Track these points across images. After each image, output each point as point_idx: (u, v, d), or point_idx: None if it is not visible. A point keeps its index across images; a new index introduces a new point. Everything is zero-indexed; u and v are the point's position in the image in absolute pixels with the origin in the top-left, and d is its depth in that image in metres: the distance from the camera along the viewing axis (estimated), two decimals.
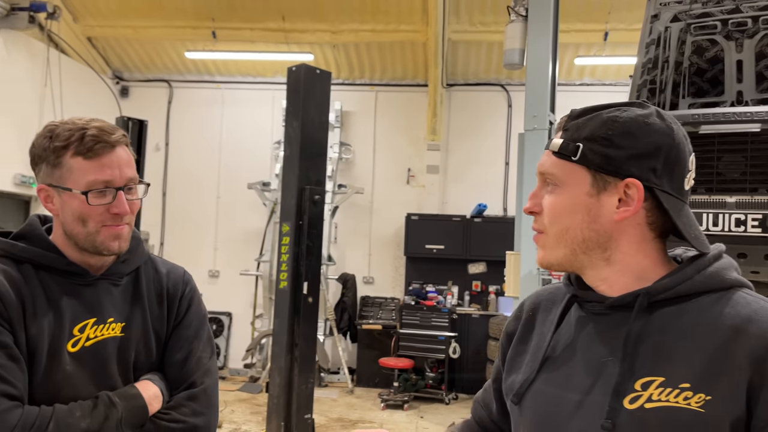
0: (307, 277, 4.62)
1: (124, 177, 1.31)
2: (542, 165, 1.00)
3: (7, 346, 1.20)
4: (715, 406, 0.85)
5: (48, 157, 1.29)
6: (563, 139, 0.97)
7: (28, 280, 1.28)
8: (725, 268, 0.96)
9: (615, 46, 7.69)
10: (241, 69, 8.92)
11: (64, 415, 1.21)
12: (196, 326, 1.45)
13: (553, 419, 0.97)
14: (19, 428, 1.15)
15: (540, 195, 1.01)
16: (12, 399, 1.18)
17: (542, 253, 1.01)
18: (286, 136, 4.69)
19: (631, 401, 0.89)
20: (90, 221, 1.29)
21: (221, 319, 8.80)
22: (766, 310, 0.89)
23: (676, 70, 4.14)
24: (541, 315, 1.11)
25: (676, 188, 0.95)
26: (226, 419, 6.33)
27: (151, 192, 7.86)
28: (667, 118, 0.96)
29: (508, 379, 1.10)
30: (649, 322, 0.93)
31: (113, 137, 1.30)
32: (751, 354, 0.85)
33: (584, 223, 0.96)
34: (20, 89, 7.09)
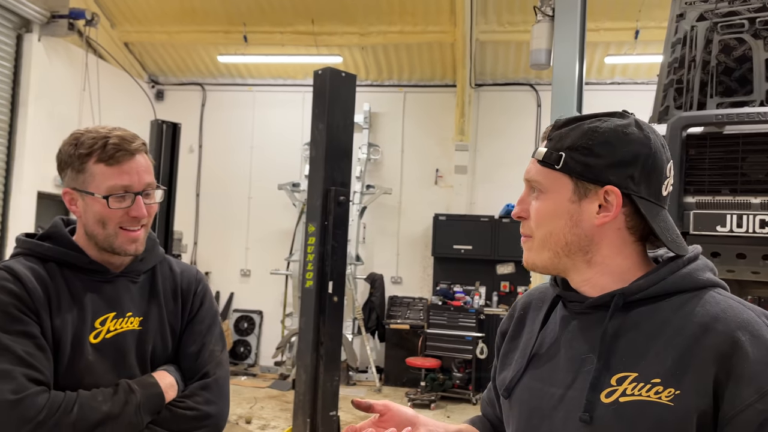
0: (332, 277, 4.70)
1: (142, 182, 1.41)
2: (528, 172, 1.06)
3: (35, 336, 1.31)
4: (683, 400, 0.89)
5: (73, 163, 1.40)
6: (547, 149, 1.02)
7: (53, 277, 1.39)
8: (699, 269, 1.00)
9: (646, 45, 7.58)
10: (272, 72, 9.08)
11: (87, 400, 1.32)
12: (209, 322, 1.55)
13: (538, 412, 1.03)
14: (46, 410, 1.26)
15: (527, 201, 1.06)
16: (39, 384, 1.29)
17: (528, 255, 1.07)
18: (312, 139, 4.78)
19: (607, 395, 0.95)
20: (110, 223, 1.39)
21: (252, 317, 8.98)
22: (733, 308, 0.93)
23: (704, 69, 4.09)
24: (531, 313, 1.17)
25: (653, 194, 1.00)
26: (256, 415, 6.47)
27: (185, 193, 8.08)
28: (645, 128, 1.01)
29: (500, 375, 1.17)
30: (625, 321, 0.98)
31: (133, 145, 1.40)
32: (717, 350, 0.89)
33: (567, 227, 1.01)
34: (60, 94, 7.36)
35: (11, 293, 1.31)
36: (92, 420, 1.30)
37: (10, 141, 6.92)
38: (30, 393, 1.26)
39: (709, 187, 3.40)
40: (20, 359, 1.27)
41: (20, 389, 1.25)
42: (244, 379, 8.19)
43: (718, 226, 3.33)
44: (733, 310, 0.93)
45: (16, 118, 6.94)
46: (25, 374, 1.27)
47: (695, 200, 3.40)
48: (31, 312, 1.32)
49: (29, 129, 6.93)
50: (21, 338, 1.29)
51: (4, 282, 1.32)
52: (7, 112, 6.89)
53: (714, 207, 3.36)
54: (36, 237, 1.45)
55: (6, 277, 1.33)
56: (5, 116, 6.87)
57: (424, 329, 7.76)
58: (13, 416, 1.24)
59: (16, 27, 6.92)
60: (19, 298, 1.32)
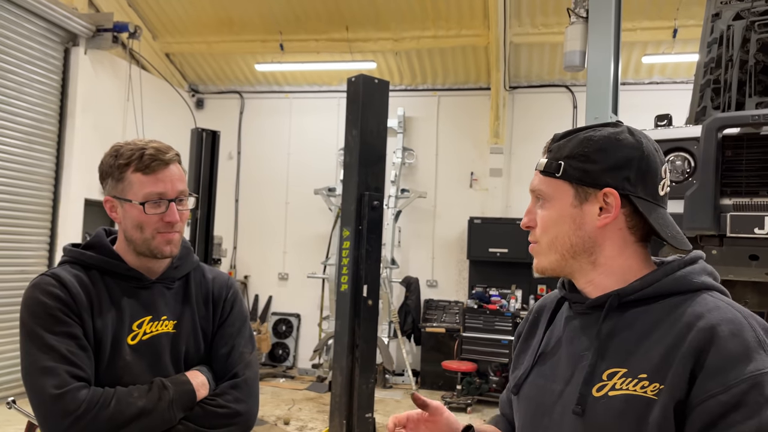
0: (366, 281, 4.77)
1: (175, 190, 1.52)
2: (532, 184, 1.14)
3: (78, 337, 1.43)
4: (666, 394, 0.94)
5: (113, 173, 1.52)
6: (547, 159, 1.10)
7: (95, 283, 1.51)
8: (695, 272, 1.04)
9: (685, 43, 7.44)
10: (308, 78, 9.23)
11: (124, 395, 1.42)
12: (239, 325, 1.64)
13: (541, 407, 1.10)
14: (86, 403, 1.37)
15: (533, 211, 1.13)
16: (80, 380, 1.40)
17: (537, 261, 1.14)
18: (346, 144, 4.86)
19: (598, 389, 1.01)
20: (147, 228, 1.51)
21: (290, 320, 9.12)
22: (720, 308, 0.98)
23: (741, 68, 4.02)
24: (543, 316, 1.23)
25: (650, 194, 1.06)
26: (294, 417, 6.58)
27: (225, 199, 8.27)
28: (636, 134, 1.08)
29: (513, 374, 1.24)
30: (620, 320, 1.04)
31: (167, 156, 1.52)
32: (696, 345, 0.94)
33: (571, 230, 1.07)
34: (106, 105, 7.65)
35: (57, 298, 1.43)
36: (128, 414, 1.40)
37: (59, 151, 7.22)
38: (72, 388, 1.37)
39: (747, 188, 3.35)
40: (64, 357, 1.39)
41: (63, 384, 1.36)
42: (283, 381, 8.32)
43: (756, 228, 3.27)
44: (720, 310, 0.97)
45: (64, 128, 7.24)
46: (67, 371, 1.38)
47: (732, 202, 3.35)
48: (74, 315, 1.44)
49: (76, 139, 7.22)
50: (65, 339, 1.41)
51: (51, 288, 1.44)
52: (56, 123, 7.19)
53: (752, 209, 3.30)
54: (80, 246, 1.57)
55: (53, 283, 1.45)
56: (54, 127, 7.17)
57: (460, 333, 7.76)
58: (56, 409, 1.35)
59: (64, 41, 7.22)
60: (64, 303, 1.43)
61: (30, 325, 1.42)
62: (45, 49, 6.97)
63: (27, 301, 1.45)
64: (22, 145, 6.72)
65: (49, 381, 1.36)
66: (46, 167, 7.07)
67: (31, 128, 6.83)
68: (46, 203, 7.11)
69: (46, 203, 7.10)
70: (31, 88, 6.81)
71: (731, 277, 3.57)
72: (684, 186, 3.42)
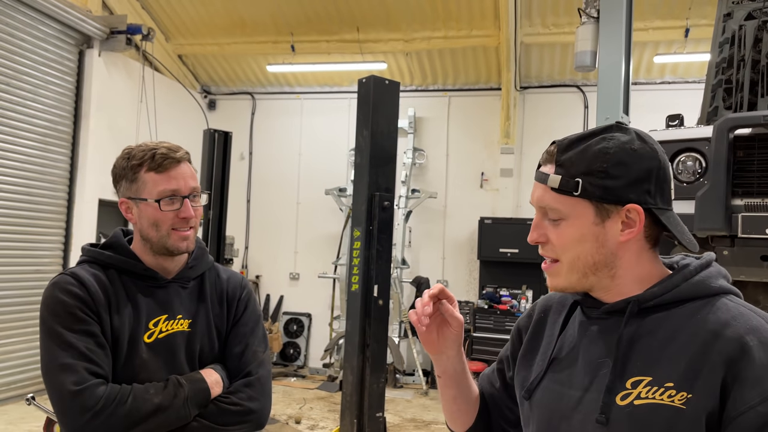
0: (377, 281, 4.78)
1: (188, 187, 1.56)
2: (541, 199, 1.07)
3: (96, 335, 1.47)
4: (695, 403, 0.93)
5: (126, 175, 1.56)
6: (561, 176, 1.04)
7: (113, 282, 1.54)
8: (712, 276, 1.04)
9: (697, 43, 7.40)
10: (319, 79, 9.27)
11: (141, 392, 1.46)
12: (252, 325, 1.68)
13: (558, 414, 1.08)
14: (104, 400, 1.41)
15: (543, 225, 1.08)
16: (98, 377, 1.44)
17: (554, 281, 1.10)
18: (357, 145, 4.88)
19: (622, 398, 0.99)
20: (162, 226, 1.54)
21: (301, 319, 9.17)
22: (744, 315, 0.97)
23: (753, 68, 4.00)
24: (551, 317, 1.21)
25: (666, 202, 1.05)
26: (305, 416, 6.62)
27: (236, 199, 8.29)
28: (648, 141, 1.05)
29: (519, 374, 1.21)
30: (641, 327, 1.02)
31: (178, 154, 1.56)
32: (726, 355, 0.93)
33: (593, 249, 1.04)
34: (119, 106, 7.73)
35: (76, 296, 1.47)
36: (144, 411, 1.43)
37: (74, 152, 7.31)
38: (90, 384, 1.41)
39: (758, 189, 3.34)
40: (82, 355, 1.42)
41: (82, 381, 1.40)
42: (294, 380, 8.37)
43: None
44: (744, 317, 0.96)
45: (78, 130, 7.33)
46: (86, 368, 1.42)
47: (743, 203, 3.34)
48: (93, 313, 1.47)
49: (91, 140, 7.30)
50: (84, 336, 1.44)
51: (71, 286, 1.48)
52: (71, 125, 7.28)
53: (763, 209, 3.29)
54: (99, 246, 1.61)
55: (72, 282, 1.49)
56: (69, 128, 7.26)
57: (470, 333, 7.77)
58: (75, 405, 1.39)
59: (78, 43, 7.31)
60: (83, 301, 1.47)
61: (50, 322, 1.46)
62: (60, 51, 7.06)
63: (47, 299, 1.49)
64: (37, 146, 6.81)
65: (68, 378, 1.40)
66: (61, 168, 7.16)
67: (47, 129, 6.93)
68: (61, 203, 7.20)
69: (61, 203, 7.19)
70: (46, 90, 6.90)
71: (743, 277, 3.56)
72: (695, 186, 3.42)
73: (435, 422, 6.59)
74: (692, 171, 3.51)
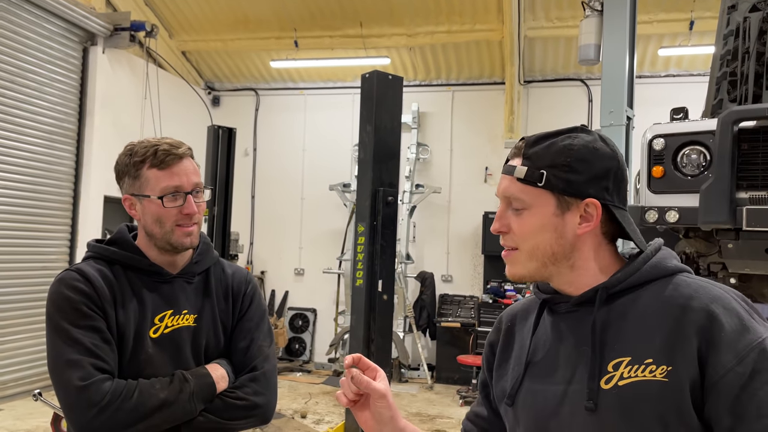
0: (381, 276, 4.80)
1: (191, 182, 1.56)
2: (507, 189, 1.12)
3: (101, 331, 1.47)
4: (676, 374, 0.97)
5: (129, 171, 1.57)
6: (527, 167, 1.09)
7: (118, 278, 1.55)
8: (666, 258, 1.10)
9: (701, 36, 7.36)
10: (322, 75, 9.27)
11: (147, 387, 1.47)
12: (257, 320, 1.68)
13: (545, 411, 1.10)
14: (110, 395, 1.42)
15: (506, 216, 1.13)
16: (104, 372, 1.45)
17: (513, 268, 1.13)
18: (361, 141, 4.89)
19: (606, 381, 1.02)
20: (166, 222, 1.55)
21: (306, 315, 9.20)
22: (704, 288, 1.03)
23: (758, 61, 3.98)
24: (519, 325, 1.23)
25: (621, 200, 1.11)
26: (311, 410, 6.65)
27: (241, 195, 8.33)
28: (609, 143, 1.12)
29: (497, 386, 1.22)
30: (611, 311, 1.07)
31: (180, 150, 1.56)
32: (696, 325, 0.98)
33: (552, 239, 1.09)
34: (124, 103, 7.75)
35: (82, 292, 1.48)
36: (150, 406, 1.44)
37: (78, 149, 7.33)
38: (96, 380, 1.42)
39: (763, 182, 3.33)
40: (88, 350, 1.43)
41: (87, 376, 1.41)
42: (300, 375, 8.40)
43: None
44: (704, 289, 1.02)
45: (83, 127, 7.35)
46: (92, 363, 1.43)
47: (748, 196, 3.33)
48: (98, 309, 1.48)
49: (95, 137, 7.33)
50: (89, 332, 1.45)
51: (76, 282, 1.49)
52: (75, 122, 7.31)
53: (765, 201, 3.28)
54: (104, 242, 1.62)
55: (77, 278, 1.50)
56: (73, 125, 7.28)
57: (475, 327, 7.78)
58: (81, 400, 1.40)
59: (82, 41, 7.33)
60: (89, 297, 1.48)
61: (55, 318, 1.47)
62: (64, 48, 7.08)
63: (52, 295, 1.49)
64: (42, 143, 6.84)
65: (74, 373, 1.40)
66: (66, 165, 7.19)
67: (52, 127, 6.95)
68: (67, 200, 7.23)
69: (66, 200, 7.23)
70: (51, 88, 6.92)
71: (747, 270, 3.56)
72: (699, 180, 3.41)
73: (440, 416, 6.61)
74: (697, 164, 3.50)
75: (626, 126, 5.22)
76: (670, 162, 3.54)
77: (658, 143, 3.57)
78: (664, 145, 3.55)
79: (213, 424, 1.51)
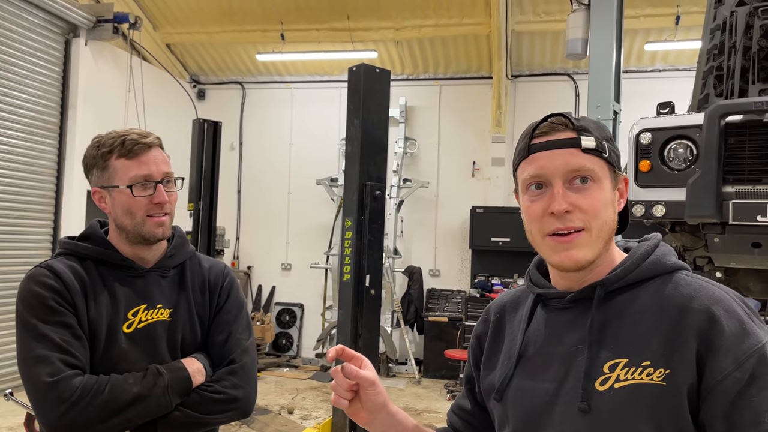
0: (369, 270, 4.77)
1: (160, 171, 1.54)
2: (572, 162, 1.01)
3: (72, 327, 1.44)
4: (674, 378, 0.94)
5: (97, 163, 1.54)
6: (594, 137, 1.02)
7: (89, 273, 1.52)
8: (665, 254, 1.05)
9: (688, 30, 7.39)
10: (309, 68, 9.20)
11: (119, 382, 1.44)
12: (235, 312, 1.65)
13: (535, 409, 1.05)
14: (80, 390, 1.39)
15: (567, 194, 1.01)
16: (74, 368, 1.41)
17: (580, 253, 1.01)
18: (348, 134, 4.85)
19: (601, 383, 0.98)
20: (137, 212, 1.52)
21: (294, 310, 9.15)
22: (705, 288, 0.99)
23: (744, 55, 3.99)
24: (508, 316, 1.19)
25: None
26: (298, 406, 6.62)
27: (227, 189, 8.22)
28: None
29: (485, 380, 1.17)
30: (608, 310, 1.02)
31: (148, 140, 1.54)
32: (696, 327, 0.94)
33: (612, 215, 1.04)
34: (107, 96, 7.64)
35: (51, 288, 1.45)
36: (123, 400, 1.41)
37: (61, 143, 7.22)
38: (65, 375, 1.38)
39: (749, 176, 3.34)
40: (58, 346, 1.40)
41: (57, 372, 1.38)
42: (287, 370, 8.37)
43: (759, 216, 3.26)
44: (705, 289, 0.98)
45: (65, 120, 7.24)
46: (61, 359, 1.40)
47: (734, 190, 3.34)
48: (68, 305, 1.45)
49: (78, 130, 7.21)
50: (59, 328, 1.42)
51: (45, 278, 1.46)
52: (57, 115, 7.19)
53: (754, 196, 3.29)
54: (75, 238, 1.59)
55: (47, 274, 1.47)
56: (56, 119, 7.17)
57: (462, 321, 7.78)
58: (51, 396, 1.36)
59: (65, 32, 7.21)
60: (58, 293, 1.45)
61: (24, 315, 1.44)
62: (46, 40, 6.96)
63: (22, 292, 1.47)
64: (24, 137, 6.72)
65: (43, 369, 1.38)
66: (48, 159, 7.08)
67: (33, 120, 6.84)
68: (49, 195, 7.13)
69: (48, 195, 7.12)
70: (32, 80, 6.80)
71: (733, 264, 3.57)
72: (686, 174, 3.41)
73: (427, 411, 6.61)
74: (683, 158, 3.51)
75: (613, 120, 5.24)
76: (656, 156, 3.54)
77: (645, 137, 3.57)
78: (651, 139, 3.56)
79: (190, 419, 1.48)
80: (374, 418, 1.13)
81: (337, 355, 1.10)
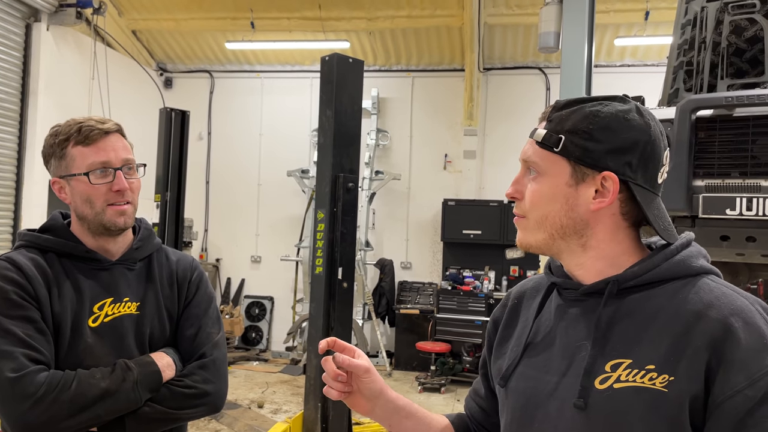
0: (341, 263, 4.72)
1: (119, 158, 1.49)
2: (525, 153, 1.05)
3: (35, 321, 1.39)
4: (677, 386, 0.90)
5: (55, 152, 1.49)
6: (546, 130, 1.01)
7: (52, 266, 1.46)
8: (692, 256, 1.00)
9: (656, 26, 7.49)
10: (280, 58, 9.07)
11: (86, 377, 1.39)
12: (205, 306, 1.61)
13: (534, 400, 1.03)
14: (45, 386, 1.33)
15: (522, 182, 1.06)
16: (39, 363, 1.36)
17: (522, 235, 1.07)
18: (320, 125, 4.78)
19: (601, 382, 0.95)
20: (96, 201, 1.47)
21: (263, 303, 9.05)
22: (727, 296, 0.93)
23: (714, 50, 4.04)
24: (526, 303, 1.17)
25: (649, 182, 1.00)
26: (268, 400, 6.55)
27: (195, 180, 8.06)
28: (645, 115, 1.01)
29: (495, 364, 1.16)
30: (620, 308, 0.98)
31: (105, 126, 1.49)
32: (710, 337, 0.89)
33: (562, 210, 1.01)
34: (70, 83, 7.40)
35: (12, 281, 1.39)
36: (90, 396, 1.36)
37: (21, 131, 6.98)
38: (29, 371, 1.33)
39: (719, 170, 3.38)
40: (21, 341, 1.35)
41: (20, 368, 1.33)
42: (256, 364, 8.28)
43: (728, 210, 3.31)
44: (727, 297, 0.93)
45: (26, 108, 7.00)
46: (25, 354, 1.34)
47: (704, 183, 3.38)
48: (31, 298, 1.39)
49: (39, 119, 6.98)
50: (22, 322, 1.37)
51: (6, 271, 1.40)
52: (18, 102, 6.95)
53: (723, 190, 3.33)
54: (36, 230, 1.53)
55: (8, 267, 1.41)
56: (16, 106, 6.92)
57: (433, 314, 7.79)
58: (14, 393, 1.31)
59: (25, 16, 6.95)
60: (20, 286, 1.39)
61: None
62: (5, 24, 6.70)
63: None
64: None
65: (5, 365, 1.33)
66: (8, 147, 6.84)
67: None
68: (9, 185, 6.89)
69: (8, 185, 6.88)
70: None
71: None
72: None
73: None
74: None
75: None
76: None
77: None
78: None
79: (160, 414, 1.44)
80: (374, 405, 1.14)
81: (328, 346, 1.09)
